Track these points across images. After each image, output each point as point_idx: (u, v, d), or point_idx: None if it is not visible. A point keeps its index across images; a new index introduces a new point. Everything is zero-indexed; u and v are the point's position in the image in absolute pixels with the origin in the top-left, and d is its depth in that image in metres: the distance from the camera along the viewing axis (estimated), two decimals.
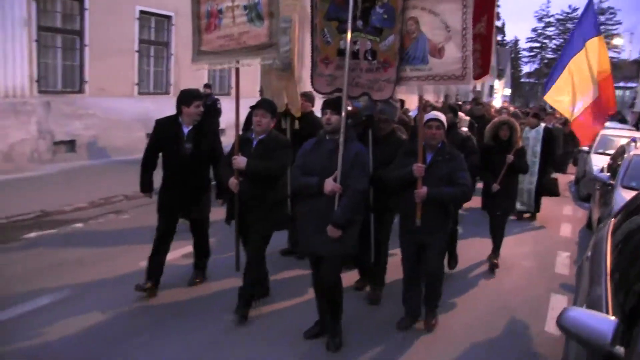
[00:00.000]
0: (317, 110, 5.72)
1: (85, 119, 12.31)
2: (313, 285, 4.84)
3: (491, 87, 58.50)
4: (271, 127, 5.16)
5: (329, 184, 4.48)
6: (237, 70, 5.41)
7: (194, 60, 5.68)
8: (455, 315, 5.64)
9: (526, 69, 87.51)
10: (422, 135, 4.92)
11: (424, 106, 7.82)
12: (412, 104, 12.97)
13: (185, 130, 5.51)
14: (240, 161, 5.00)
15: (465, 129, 8.99)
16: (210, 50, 5.52)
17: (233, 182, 5.09)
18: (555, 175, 11.08)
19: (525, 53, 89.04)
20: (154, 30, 14.44)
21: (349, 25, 4.71)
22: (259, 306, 5.32)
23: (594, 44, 8.72)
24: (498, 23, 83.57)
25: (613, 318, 2.52)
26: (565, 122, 13.41)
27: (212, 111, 12.82)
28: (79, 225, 7.90)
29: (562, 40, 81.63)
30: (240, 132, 5.39)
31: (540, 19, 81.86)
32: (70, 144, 12.22)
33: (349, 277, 5.85)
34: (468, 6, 4.46)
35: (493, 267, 7.09)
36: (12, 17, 10.43)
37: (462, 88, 4.72)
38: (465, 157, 5.85)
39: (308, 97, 6.67)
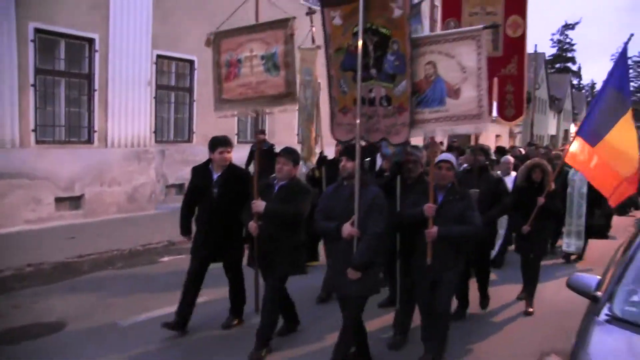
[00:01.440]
0: None
1: (193, 164, 13.86)
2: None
3: (566, 132, 57.93)
4: (293, 174, 5.28)
5: (347, 229, 4.61)
6: (256, 118, 5.87)
7: (216, 109, 5.89)
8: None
9: None
10: (433, 175, 5.05)
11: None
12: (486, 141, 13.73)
13: (215, 176, 5.64)
14: (259, 205, 5.16)
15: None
16: (231, 99, 5.71)
17: (252, 225, 5.23)
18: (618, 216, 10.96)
19: None
20: None
21: (359, 74, 4.83)
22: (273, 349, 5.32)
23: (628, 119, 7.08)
24: (574, 67, 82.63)
25: (597, 277, 4.01)
26: None
27: (269, 156, 13.51)
28: None
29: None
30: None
31: None
32: (180, 187, 13.77)
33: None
34: (482, 47, 4.64)
35: (527, 314, 6.89)
36: (140, 78, 12.25)
37: (479, 128, 4.76)
38: (498, 200, 6.38)
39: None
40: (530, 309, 6.94)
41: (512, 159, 9.62)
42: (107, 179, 11.74)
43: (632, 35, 6.95)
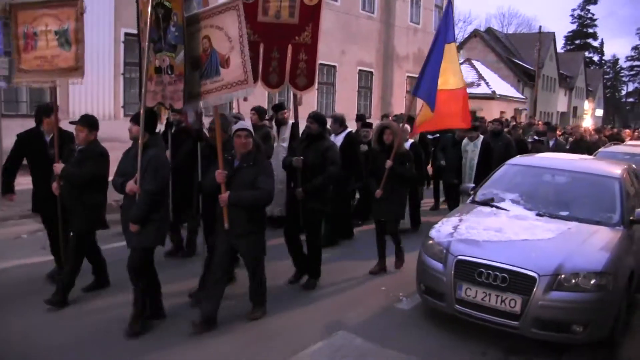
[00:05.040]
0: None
1: None
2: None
3: (575, 109, 59.83)
4: (91, 139, 5.59)
5: (129, 185, 5.00)
6: (55, 89, 5.95)
7: (15, 78, 6.11)
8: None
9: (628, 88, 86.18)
10: (220, 144, 5.17)
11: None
12: None
13: (47, 138, 6.04)
14: (57, 167, 5.61)
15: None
16: (29, 69, 5.89)
17: (54, 185, 5.72)
18: None
19: (626, 72, 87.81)
20: None
21: (147, 45, 5.10)
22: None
23: (451, 49, 7.70)
24: (595, 43, 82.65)
25: (473, 184, 7.37)
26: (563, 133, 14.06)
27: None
28: None
29: None
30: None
31: None
32: None
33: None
34: (241, 15, 4.79)
35: (375, 272, 7.10)
36: None
37: (246, 92, 4.93)
38: (325, 168, 6.30)
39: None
40: (400, 266, 7.25)
41: (407, 127, 9.16)
42: None
43: None
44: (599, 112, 69.27)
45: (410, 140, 9.10)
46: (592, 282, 4.91)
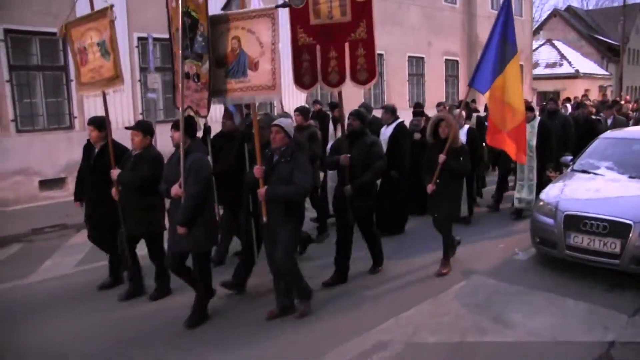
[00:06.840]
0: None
1: None
2: None
3: None
4: (146, 143, 5.79)
5: (173, 190, 5.18)
6: (104, 97, 6.05)
7: (78, 91, 6.50)
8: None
9: None
10: (258, 138, 5.32)
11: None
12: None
13: (96, 150, 6.22)
14: (113, 173, 5.81)
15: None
16: (85, 82, 6.17)
17: (113, 191, 5.89)
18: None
19: None
20: None
21: (180, 52, 5.19)
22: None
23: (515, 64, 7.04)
24: None
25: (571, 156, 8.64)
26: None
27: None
28: None
29: None
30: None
31: None
32: None
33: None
34: (276, 23, 4.94)
35: (439, 274, 6.83)
36: None
37: (273, 97, 5.22)
38: (370, 164, 6.32)
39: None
40: (444, 270, 6.91)
41: (463, 113, 9.36)
42: None
43: None
44: None
45: (467, 126, 9.61)
46: None
